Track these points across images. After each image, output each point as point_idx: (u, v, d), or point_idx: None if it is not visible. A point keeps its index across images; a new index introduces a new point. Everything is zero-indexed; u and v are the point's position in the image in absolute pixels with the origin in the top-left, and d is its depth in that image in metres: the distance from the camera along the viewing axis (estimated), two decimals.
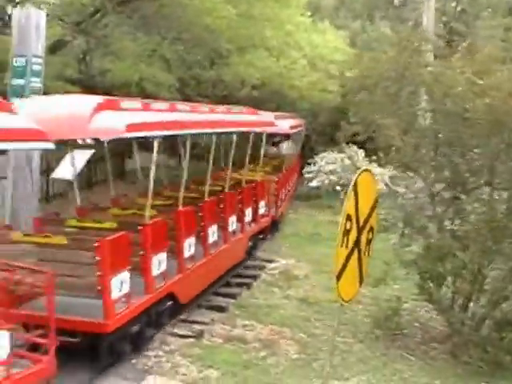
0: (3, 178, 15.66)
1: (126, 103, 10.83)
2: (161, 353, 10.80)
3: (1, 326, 7.21)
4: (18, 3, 23.60)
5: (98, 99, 10.30)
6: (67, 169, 15.53)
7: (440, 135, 12.31)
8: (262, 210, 18.34)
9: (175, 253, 12.02)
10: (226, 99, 23.49)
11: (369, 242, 9.90)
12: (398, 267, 13.32)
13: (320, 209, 26.60)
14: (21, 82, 15.48)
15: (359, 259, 9.64)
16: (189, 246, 12.43)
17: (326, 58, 26.51)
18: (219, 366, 10.50)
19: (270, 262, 17.54)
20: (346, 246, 8.98)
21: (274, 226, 20.63)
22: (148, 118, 10.89)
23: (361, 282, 10.01)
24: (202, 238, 13.27)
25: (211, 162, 14.06)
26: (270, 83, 24.47)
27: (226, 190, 15.22)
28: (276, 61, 23.89)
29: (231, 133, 15.29)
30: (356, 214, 9.13)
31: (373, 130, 12.63)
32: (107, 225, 11.05)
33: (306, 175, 28.82)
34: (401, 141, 11.50)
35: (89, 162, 15.63)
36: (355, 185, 8.94)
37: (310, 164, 29.17)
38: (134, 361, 10.36)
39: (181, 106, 13.34)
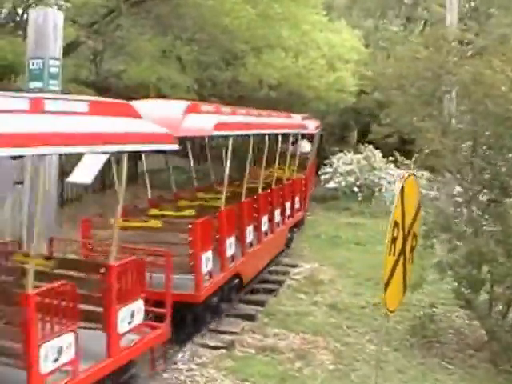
0: (20, 183, 15.26)
1: (204, 107, 12.64)
2: (193, 366, 10.38)
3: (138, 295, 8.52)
4: (29, 5, 23.40)
5: (184, 103, 12.14)
6: (84, 172, 15.16)
7: (479, 137, 11.85)
8: (297, 205, 19.63)
9: (239, 238, 13.33)
10: (241, 100, 23.08)
11: (412, 249, 9.52)
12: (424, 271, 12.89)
13: (337, 210, 26.39)
14: (38, 84, 15.04)
15: (404, 267, 9.22)
16: (249, 233, 13.95)
17: (343, 57, 26.14)
18: (255, 380, 10.10)
19: (294, 266, 17.24)
20: (394, 254, 8.51)
21: (302, 220, 21.55)
22: (226, 120, 12.58)
23: (404, 290, 9.65)
24: (257, 227, 14.69)
25: (251, 160, 14.59)
26: (287, 83, 24.08)
27: (273, 187, 16.57)
28: (295, 61, 23.45)
29: (277, 134, 16.89)
30: (402, 220, 8.72)
31: (406, 132, 12.17)
32: (187, 212, 12.63)
33: (323, 176, 28.42)
34: (440, 143, 11.02)
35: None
36: (402, 190, 8.52)
37: (325, 165, 28.80)
38: (166, 375, 9.91)
39: (239, 110, 14.89)
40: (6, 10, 24.32)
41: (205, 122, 11.57)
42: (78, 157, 13.90)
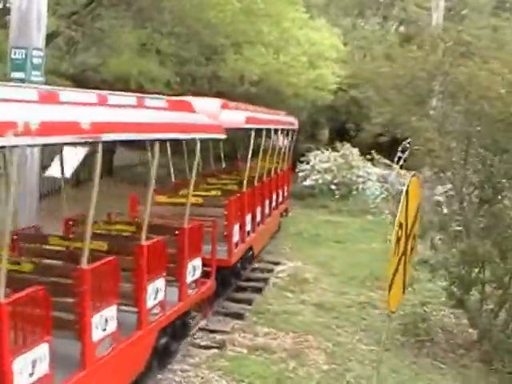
0: None
1: (232, 104, 14.95)
2: (186, 366, 10.13)
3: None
4: None
5: (219, 101, 14.63)
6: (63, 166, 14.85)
7: (473, 138, 11.75)
8: (285, 194, 21.71)
9: (252, 217, 15.36)
10: (221, 95, 22.85)
11: (411, 249, 9.41)
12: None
13: (315, 208, 26.32)
14: (21, 75, 14.67)
15: (404, 267, 9.10)
16: (258, 213, 16.02)
17: (323, 54, 26.02)
18: (250, 380, 9.90)
19: (277, 264, 17.06)
20: (397, 255, 8.38)
21: (287, 209, 23.07)
22: (252, 115, 15.47)
23: (403, 290, 9.53)
24: (262, 209, 16.72)
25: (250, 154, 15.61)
26: (267, 80, 23.90)
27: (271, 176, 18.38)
28: (276, 57, 23.28)
29: (277, 130, 18.86)
30: (406, 221, 8.58)
31: (399, 131, 12.06)
32: (213, 193, 14.73)
33: (300, 173, 28.29)
34: (438, 143, 10.89)
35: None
36: (407, 192, 8.40)
37: (302, 162, 28.67)
38: (160, 376, 9.65)
39: (255, 108, 17.42)
40: None
41: (237, 116, 14.14)
42: (54, 150, 13.65)
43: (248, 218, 14.85)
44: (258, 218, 16.10)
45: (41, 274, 7.56)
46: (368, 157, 27.96)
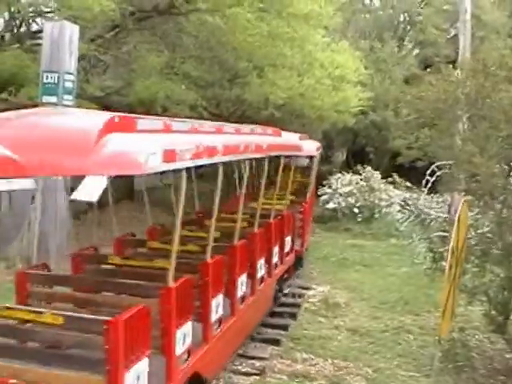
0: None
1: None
2: None
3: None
4: (31, 17, 23.06)
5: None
6: (88, 190, 14.79)
7: None
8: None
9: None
10: (244, 119, 22.82)
11: (460, 274, 9.30)
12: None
13: (338, 231, 26.28)
14: (53, 99, 14.73)
15: (453, 293, 8.98)
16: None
17: (346, 77, 26.02)
18: None
19: (307, 289, 17.04)
20: (449, 281, 8.27)
21: None
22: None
23: (452, 316, 9.41)
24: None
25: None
26: (291, 103, 23.88)
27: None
28: (300, 80, 23.27)
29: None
30: (457, 247, 8.47)
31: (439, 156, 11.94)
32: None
33: (322, 197, 28.22)
34: (484, 168, 10.74)
35: None
36: (458, 218, 8.30)
37: (324, 185, 28.63)
38: None
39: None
40: (2, 20, 23.99)
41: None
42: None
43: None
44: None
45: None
46: (389, 180, 27.97)
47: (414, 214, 21.77)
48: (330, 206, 27.71)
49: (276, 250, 14.02)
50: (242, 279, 11.00)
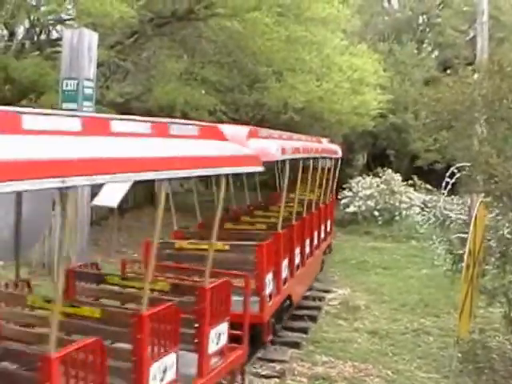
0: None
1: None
2: None
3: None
4: (50, 25, 23.28)
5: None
6: (109, 196, 14.94)
7: None
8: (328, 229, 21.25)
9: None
10: (264, 123, 22.92)
11: (478, 275, 9.31)
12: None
13: (359, 234, 26.39)
14: (73, 106, 14.82)
15: (471, 294, 8.99)
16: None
17: (365, 80, 26.05)
18: None
19: (328, 292, 17.08)
20: (467, 282, 8.28)
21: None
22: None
23: (470, 317, 9.42)
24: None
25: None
26: (310, 107, 23.94)
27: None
28: (319, 84, 23.34)
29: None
30: (474, 248, 8.49)
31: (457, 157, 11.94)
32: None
33: (342, 200, 28.26)
34: (502, 169, 10.73)
35: None
36: (475, 219, 8.31)
37: (344, 189, 28.64)
38: None
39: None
40: (22, 28, 24.23)
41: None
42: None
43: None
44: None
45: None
46: (410, 182, 27.94)
47: (434, 216, 21.73)
48: (351, 209, 27.75)
49: (322, 227, 18.62)
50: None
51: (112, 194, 15.02)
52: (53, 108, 15.73)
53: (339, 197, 28.02)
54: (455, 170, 17.69)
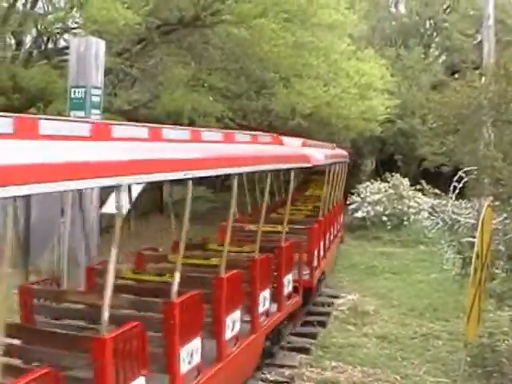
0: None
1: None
2: None
3: None
4: (57, 33, 23.36)
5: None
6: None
7: None
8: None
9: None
10: (272, 130, 22.94)
11: (486, 279, 9.30)
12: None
13: (367, 239, 26.35)
14: (80, 113, 14.85)
15: (479, 297, 8.98)
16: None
17: (372, 86, 26.05)
18: None
19: (336, 297, 17.09)
20: (474, 285, 8.27)
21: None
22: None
23: (479, 320, 9.40)
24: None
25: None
26: (318, 112, 23.94)
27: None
28: (326, 90, 23.35)
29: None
30: (481, 251, 8.48)
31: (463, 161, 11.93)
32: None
33: (351, 206, 28.25)
34: (509, 172, 10.73)
35: None
36: (482, 223, 8.31)
37: (353, 194, 28.63)
38: None
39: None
40: (30, 37, 24.35)
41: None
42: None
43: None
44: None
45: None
46: (418, 187, 27.86)
47: (443, 220, 21.67)
48: (359, 214, 27.72)
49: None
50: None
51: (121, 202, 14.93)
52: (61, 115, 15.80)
53: (347, 202, 28.02)
54: (463, 174, 17.63)
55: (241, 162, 9.31)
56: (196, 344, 7.85)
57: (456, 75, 35.31)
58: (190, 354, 7.70)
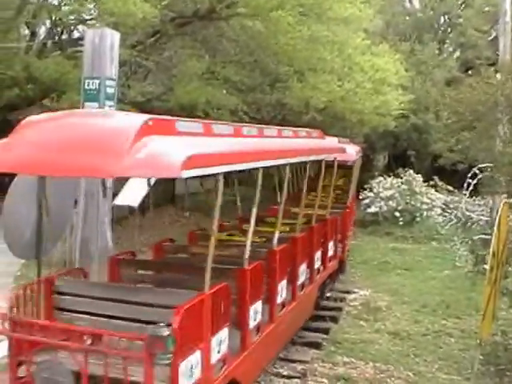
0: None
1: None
2: None
3: None
4: (71, 24, 23.38)
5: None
6: (130, 195, 14.92)
7: None
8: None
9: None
10: (285, 123, 22.87)
11: (501, 277, 9.22)
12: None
13: (379, 235, 26.24)
14: (94, 105, 14.82)
15: (494, 295, 8.91)
16: None
17: (387, 80, 25.95)
18: None
19: (349, 293, 17.01)
20: (490, 284, 8.20)
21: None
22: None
23: (493, 319, 9.34)
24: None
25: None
26: (332, 107, 23.88)
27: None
28: (341, 84, 23.28)
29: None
30: (497, 249, 8.40)
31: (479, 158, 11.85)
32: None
33: (364, 201, 28.17)
34: None
35: None
36: (499, 221, 8.23)
37: (365, 189, 28.55)
38: None
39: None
40: (44, 28, 24.35)
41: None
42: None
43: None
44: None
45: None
46: (431, 183, 27.75)
47: (456, 217, 21.60)
48: (372, 210, 27.62)
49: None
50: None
51: (133, 193, 15.00)
52: (74, 107, 15.78)
53: (360, 197, 27.94)
54: (477, 171, 17.55)
55: (306, 152, 11.32)
56: (259, 306, 9.10)
57: (470, 71, 35.19)
58: (255, 313, 8.97)
